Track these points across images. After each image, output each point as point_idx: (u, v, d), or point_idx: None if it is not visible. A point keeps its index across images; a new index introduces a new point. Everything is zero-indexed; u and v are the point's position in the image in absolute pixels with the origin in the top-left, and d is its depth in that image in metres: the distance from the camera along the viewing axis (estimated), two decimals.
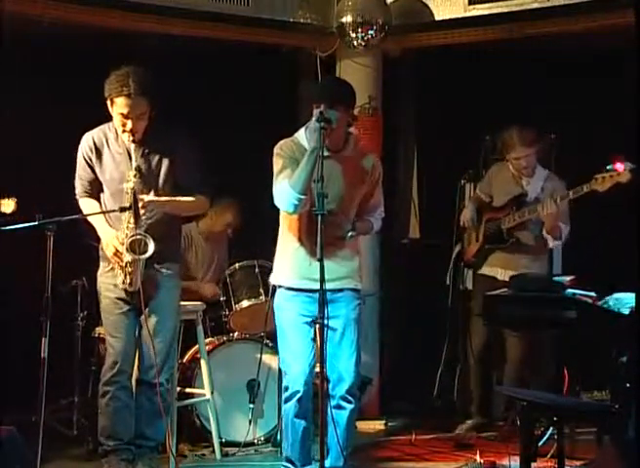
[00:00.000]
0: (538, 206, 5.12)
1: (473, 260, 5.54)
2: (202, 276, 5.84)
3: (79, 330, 5.29)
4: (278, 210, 4.22)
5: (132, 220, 4.23)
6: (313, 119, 4.00)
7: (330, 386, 4.13)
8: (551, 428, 4.42)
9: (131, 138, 4.28)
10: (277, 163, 4.17)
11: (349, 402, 4.20)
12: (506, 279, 5.24)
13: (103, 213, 4.41)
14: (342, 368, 4.18)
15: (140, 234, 4.23)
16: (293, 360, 4.19)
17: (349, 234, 4.19)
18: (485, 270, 5.48)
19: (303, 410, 4.19)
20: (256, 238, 5.86)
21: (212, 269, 5.90)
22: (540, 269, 5.33)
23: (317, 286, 3.99)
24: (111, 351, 4.41)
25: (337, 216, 4.14)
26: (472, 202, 5.63)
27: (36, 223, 4.28)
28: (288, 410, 4.21)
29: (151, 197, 4.29)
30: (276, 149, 4.21)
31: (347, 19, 5.82)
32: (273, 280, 4.35)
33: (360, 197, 4.28)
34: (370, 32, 5.79)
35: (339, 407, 4.16)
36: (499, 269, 5.40)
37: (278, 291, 4.31)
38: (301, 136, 4.24)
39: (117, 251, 4.30)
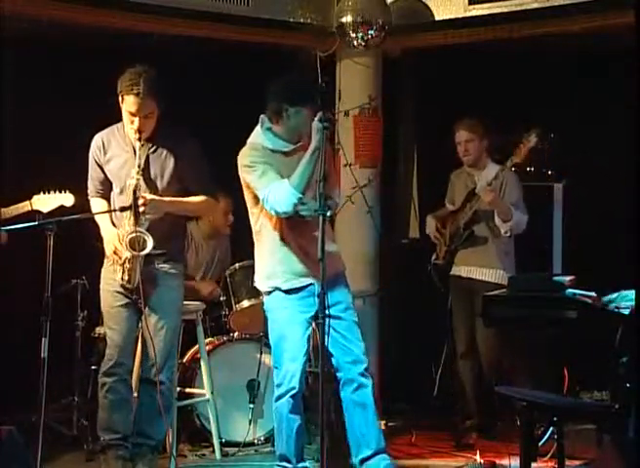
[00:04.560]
0: (480, 193, 5.23)
1: (444, 264, 5.57)
2: (201, 276, 5.84)
3: (79, 330, 5.29)
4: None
5: (131, 216, 4.24)
6: (315, 119, 4.02)
7: (344, 371, 4.22)
8: (551, 428, 4.42)
9: (137, 137, 4.30)
10: (256, 169, 4.19)
11: (367, 378, 4.25)
12: (470, 275, 5.38)
13: (103, 212, 4.42)
14: (357, 350, 4.25)
15: (138, 231, 4.24)
16: (290, 358, 4.21)
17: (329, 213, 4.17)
18: (453, 270, 5.54)
19: (297, 407, 4.22)
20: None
21: (211, 269, 5.90)
22: (502, 263, 5.34)
23: (311, 280, 4.17)
24: (110, 343, 4.43)
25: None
26: (432, 215, 5.71)
27: (36, 223, 4.30)
28: (281, 407, 4.23)
29: (153, 195, 4.30)
30: (246, 159, 4.26)
31: (347, 18, 5.80)
32: (265, 285, 4.33)
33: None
34: (370, 32, 5.78)
35: (361, 386, 4.21)
36: (462, 267, 5.46)
37: (272, 294, 4.30)
38: (260, 138, 4.29)
39: (116, 248, 4.31)
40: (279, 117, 4.26)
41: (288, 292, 4.26)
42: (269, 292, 4.32)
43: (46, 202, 4.72)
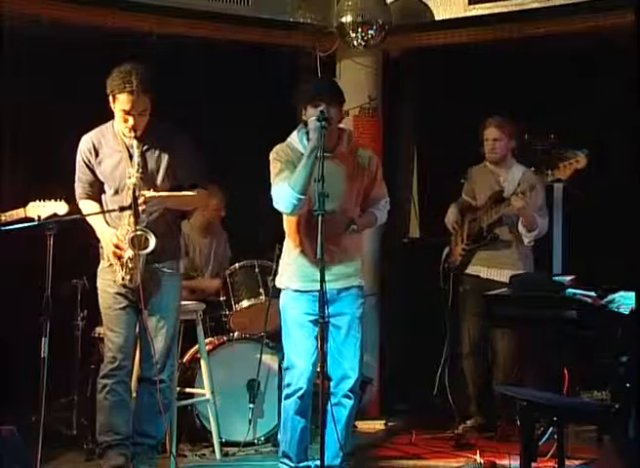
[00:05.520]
0: (511, 199, 5.19)
1: (459, 261, 5.57)
2: (200, 274, 5.83)
3: (79, 329, 5.27)
4: (278, 211, 4.23)
5: (132, 218, 4.23)
6: (313, 118, 4.00)
7: (332, 384, 4.16)
8: (551, 427, 4.42)
9: (132, 135, 4.28)
10: (275, 167, 4.20)
11: (350, 398, 4.23)
12: (490, 277, 5.37)
13: (104, 212, 4.42)
14: (347, 365, 4.22)
15: (141, 230, 4.23)
16: (297, 357, 4.21)
17: (351, 228, 4.21)
18: (470, 269, 5.53)
19: (304, 408, 4.22)
20: (255, 238, 5.86)
21: (210, 263, 5.88)
22: (522, 265, 5.35)
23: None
24: (110, 346, 4.41)
25: (338, 215, 4.16)
26: (455, 205, 5.68)
27: (36, 223, 4.30)
28: (288, 407, 4.23)
29: (152, 193, 4.30)
30: (272, 154, 4.25)
31: (347, 18, 5.81)
32: (279, 283, 4.37)
33: (361, 192, 4.30)
34: (370, 32, 5.79)
35: (339, 404, 4.19)
36: (481, 268, 5.46)
37: (284, 292, 4.33)
38: (295, 139, 4.26)
39: (117, 248, 4.30)
40: (304, 120, 4.21)
41: (296, 291, 4.26)
42: (282, 290, 4.34)
43: (40, 210, 4.72)
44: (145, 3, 5.52)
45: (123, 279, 4.33)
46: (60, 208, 4.73)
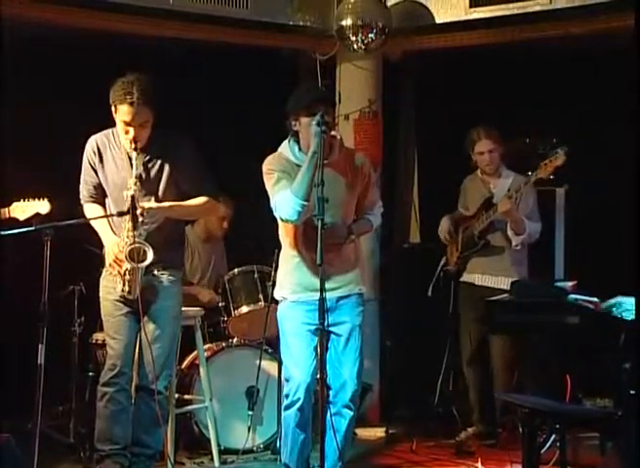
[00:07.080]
0: (498, 203, 5.18)
1: (455, 270, 5.55)
2: (199, 279, 5.80)
3: (76, 336, 5.23)
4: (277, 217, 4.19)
5: (130, 227, 4.19)
6: (313, 123, 3.96)
7: (332, 393, 4.12)
8: (554, 435, 4.39)
9: (133, 146, 4.24)
10: (270, 178, 4.15)
11: (350, 409, 4.18)
12: (485, 284, 5.36)
13: (101, 217, 4.38)
14: (347, 374, 4.17)
15: (138, 242, 4.20)
16: (295, 368, 4.16)
17: (351, 238, 4.18)
18: (465, 277, 5.52)
19: (304, 420, 4.16)
20: (254, 243, 5.83)
21: (209, 272, 5.86)
22: (516, 271, 5.32)
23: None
24: (111, 353, 4.38)
25: (338, 225, 4.13)
26: (448, 217, 5.66)
27: (33, 228, 4.26)
28: (288, 419, 4.18)
29: (151, 204, 4.25)
30: (266, 166, 4.20)
31: (347, 21, 5.79)
32: (277, 294, 4.32)
33: (356, 198, 4.26)
34: (370, 35, 5.76)
35: (339, 414, 4.14)
36: (476, 275, 5.44)
37: (281, 303, 4.29)
38: (286, 150, 4.22)
39: (117, 257, 4.27)
40: (294, 131, 4.19)
41: (294, 302, 4.22)
42: (280, 301, 4.30)
43: (23, 209, 4.68)
44: (145, 6, 5.51)
45: (122, 290, 4.30)
46: (43, 207, 4.68)
